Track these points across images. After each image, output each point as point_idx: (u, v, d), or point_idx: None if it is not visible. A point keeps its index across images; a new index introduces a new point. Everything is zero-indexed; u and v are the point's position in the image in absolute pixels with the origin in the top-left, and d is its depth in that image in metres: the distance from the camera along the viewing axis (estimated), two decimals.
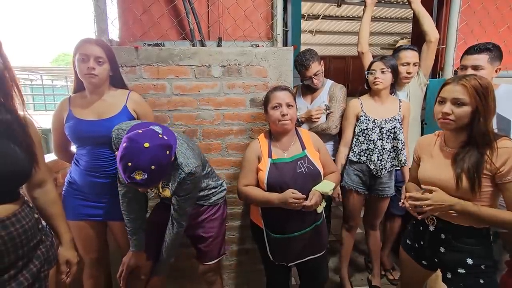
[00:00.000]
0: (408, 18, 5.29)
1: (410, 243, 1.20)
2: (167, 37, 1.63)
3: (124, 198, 1.19)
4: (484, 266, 1.00)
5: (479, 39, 1.80)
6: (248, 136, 1.63)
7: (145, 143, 0.90)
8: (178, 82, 1.54)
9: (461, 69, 1.44)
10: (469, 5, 1.84)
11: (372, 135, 1.60)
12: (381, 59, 1.57)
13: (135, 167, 0.90)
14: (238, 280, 1.80)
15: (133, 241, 1.23)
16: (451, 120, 0.97)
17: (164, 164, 0.96)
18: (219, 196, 1.37)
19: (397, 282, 1.96)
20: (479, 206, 0.96)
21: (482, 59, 1.37)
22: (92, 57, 1.19)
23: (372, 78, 1.57)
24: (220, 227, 1.39)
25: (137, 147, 0.90)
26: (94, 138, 1.23)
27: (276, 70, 1.58)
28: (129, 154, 0.90)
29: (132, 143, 0.91)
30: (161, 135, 0.98)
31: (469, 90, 0.94)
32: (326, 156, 1.38)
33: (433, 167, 1.08)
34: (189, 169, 1.06)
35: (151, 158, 0.91)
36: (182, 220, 1.18)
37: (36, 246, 0.84)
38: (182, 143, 1.13)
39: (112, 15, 1.55)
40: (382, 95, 1.61)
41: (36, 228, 0.85)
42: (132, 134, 0.94)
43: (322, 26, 5.99)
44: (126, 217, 1.21)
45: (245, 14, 1.64)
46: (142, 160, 0.90)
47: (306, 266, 1.35)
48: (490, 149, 0.94)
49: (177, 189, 1.10)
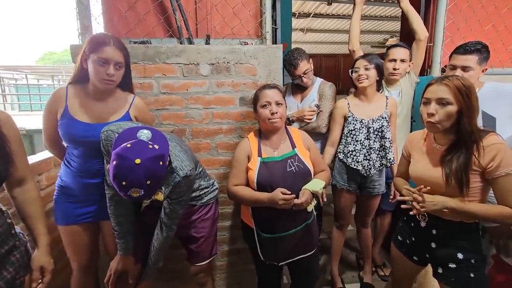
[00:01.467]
0: (397, 16, 5.35)
1: (401, 239, 1.21)
2: (154, 35, 1.59)
3: (112, 201, 1.15)
4: (474, 261, 1.01)
5: (465, 37, 1.82)
6: (238, 135, 1.62)
7: (136, 159, 0.85)
8: (166, 81, 1.51)
9: (450, 69, 1.44)
10: (455, 4, 1.86)
11: (359, 136, 1.60)
12: (364, 57, 1.57)
13: (130, 185, 0.85)
14: (229, 281, 1.79)
15: (120, 245, 1.19)
16: (436, 123, 0.98)
17: (159, 176, 0.92)
18: (211, 196, 1.36)
19: (388, 278, 1.99)
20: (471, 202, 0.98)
21: (472, 60, 1.37)
22: (113, 63, 1.11)
23: (356, 75, 1.57)
24: (212, 227, 1.37)
25: (128, 165, 0.85)
26: (90, 142, 1.15)
27: (266, 68, 1.56)
28: (122, 173, 0.85)
29: (122, 160, 0.85)
30: (151, 146, 0.92)
31: (452, 89, 0.95)
32: (316, 154, 1.37)
33: (424, 165, 1.09)
34: (184, 173, 1.03)
35: (145, 174, 0.86)
36: (173, 224, 1.14)
37: (9, 252, 0.81)
38: (175, 145, 1.09)
39: (96, 12, 1.51)
40: (368, 93, 1.61)
41: (9, 234, 0.81)
42: (120, 150, 0.87)
43: (313, 24, 6.00)
44: (113, 220, 1.17)
45: (233, 11, 1.61)
46: (136, 178, 0.85)
47: (297, 265, 1.35)
48: (477, 147, 0.96)
49: (171, 192, 1.06)
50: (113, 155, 0.88)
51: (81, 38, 1.46)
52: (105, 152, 1.07)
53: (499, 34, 1.95)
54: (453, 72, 1.41)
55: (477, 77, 1.41)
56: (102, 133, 1.06)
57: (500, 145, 0.94)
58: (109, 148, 1.04)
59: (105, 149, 1.07)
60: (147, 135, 0.98)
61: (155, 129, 1.05)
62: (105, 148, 1.06)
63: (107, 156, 1.07)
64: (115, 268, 1.19)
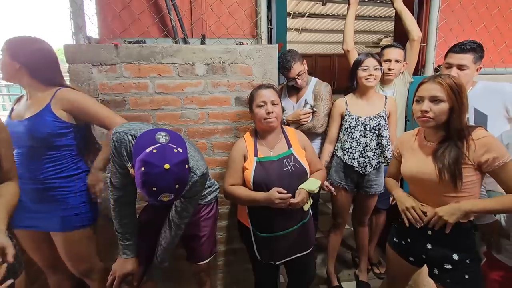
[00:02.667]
0: (391, 16, 5.40)
1: (397, 240, 1.21)
2: (148, 34, 1.58)
3: (116, 203, 1.14)
4: (469, 261, 1.03)
5: (458, 37, 1.85)
6: (234, 135, 1.62)
7: (165, 165, 0.86)
8: (161, 81, 1.50)
9: (446, 67, 1.46)
10: (448, 4, 1.88)
11: (354, 133, 1.61)
12: (373, 56, 1.58)
13: (161, 191, 0.87)
14: (226, 280, 1.78)
15: (125, 247, 1.17)
16: (430, 118, 1.00)
17: (186, 179, 0.94)
18: (213, 195, 1.38)
19: (383, 276, 2.00)
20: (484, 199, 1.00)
21: (467, 59, 1.39)
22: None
23: (366, 74, 1.56)
24: (213, 226, 1.40)
25: (158, 172, 0.86)
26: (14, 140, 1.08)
27: (261, 68, 1.57)
28: (152, 179, 0.86)
29: (151, 167, 0.86)
30: (175, 150, 0.92)
31: (445, 87, 0.98)
32: (312, 154, 1.38)
33: (416, 162, 1.10)
34: (201, 172, 1.06)
35: (174, 178, 0.88)
36: (182, 223, 1.15)
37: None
38: (189, 145, 1.10)
39: (90, 11, 1.49)
40: (369, 92, 1.62)
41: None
42: (147, 157, 0.87)
43: (308, 24, 6.02)
44: (117, 222, 1.16)
45: (228, 11, 1.61)
46: (166, 183, 0.87)
47: (294, 264, 1.35)
48: (467, 142, 0.98)
49: (186, 192, 1.06)
50: (138, 162, 0.88)
51: (75, 37, 1.45)
52: (116, 153, 1.06)
53: (490, 34, 1.98)
54: (449, 71, 1.43)
55: (472, 76, 1.43)
56: (113, 135, 1.05)
57: (489, 138, 0.97)
58: (122, 149, 1.05)
59: (117, 151, 1.06)
60: (165, 137, 0.99)
61: (170, 130, 1.05)
62: (118, 150, 1.06)
63: (118, 158, 1.07)
64: (119, 271, 1.16)
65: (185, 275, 1.50)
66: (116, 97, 1.48)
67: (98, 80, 1.45)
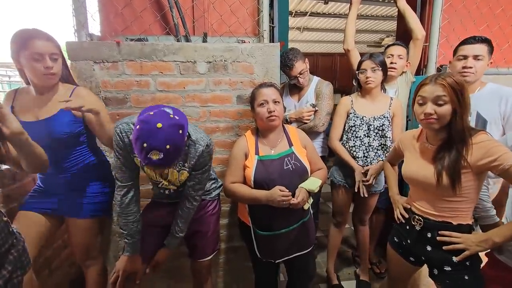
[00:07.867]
0: (393, 16, 5.37)
1: (397, 241, 1.21)
2: (150, 32, 1.58)
3: (124, 199, 1.16)
4: (468, 263, 1.02)
5: (461, 37, 1.84)
6: (235, 133, 1.62)
7: (157, 124, 0.91)
8: (163, 79, 1.50)
9: (459, 59, 1.43)
10: (451, 4, 1.88)
11: (358, 132, 1.62)
12: (370, 58, 1.57)
13: (150, 148, 0.91)
14: (226, 278, 1.79)
15: (129, 245, 1.18)
16: (435, 120, 0.99)
17: (178, 144, 0.97)
18: (217, 191, 1.41)
19: (383, 275, 2.01)
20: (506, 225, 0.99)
21: (483, 49, 1.37)
22: (47, 55, 1.10)
23: (364, 77, 1.58)
24: (216, 223, 1.42)
25: (150, 128, 0.91)
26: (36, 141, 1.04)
27: (263, 66, 1.56)
28: (143, 135, 0.91)
29: (145, 124, 0.92)
30: (172, 115, 0.97)
31: (447, 88, 0.96)
32: (313, 153, 1.38)
33: (417, 164, 1.10)
34: (205, 142, 1.15)
35: (165, 137, 0.92)
36: (197, 195, 1.23)
37: (7, 250, 0.80)
38: (190, 124, 1.15)
39: (92, 9, 1.49)
40: (373, 93, 1.62)
41: (7, 232, 0.81)
42: (143, 117, 0.94)
43: (310, 23, 6.00)
44: (123, 219, 1.17)
45: (230, 9, 1.61)
46: (156, 140, 0.91)
47: (294, 263, 1.36)
48: (466, 145, 0.97)
49: (195, 165, 1.16)
50: (137, 121, 0.95)
51: (77, 35, 1.45)
52: (122, 144, 1.10)
53: (493, 34, 1.97)
54: (464, 62, 1.40)
55: (485, 69, 1.40)
56: (116, 128, 1.09)
57: (488, 142, 0.95)
58: (124, 139, 1.09)
59: (122, 141, 1.09)
60: (168, 109, 1.03)
61: (175, 107, 1.09)
62: (122, 140, 1.09)
63: (123, 149, 1.11)
64: (123, 268, 1.17)
65: (184, 272, 1.50)
66: (117, 95, 1.48)
67: (100, 78, 1.46)
